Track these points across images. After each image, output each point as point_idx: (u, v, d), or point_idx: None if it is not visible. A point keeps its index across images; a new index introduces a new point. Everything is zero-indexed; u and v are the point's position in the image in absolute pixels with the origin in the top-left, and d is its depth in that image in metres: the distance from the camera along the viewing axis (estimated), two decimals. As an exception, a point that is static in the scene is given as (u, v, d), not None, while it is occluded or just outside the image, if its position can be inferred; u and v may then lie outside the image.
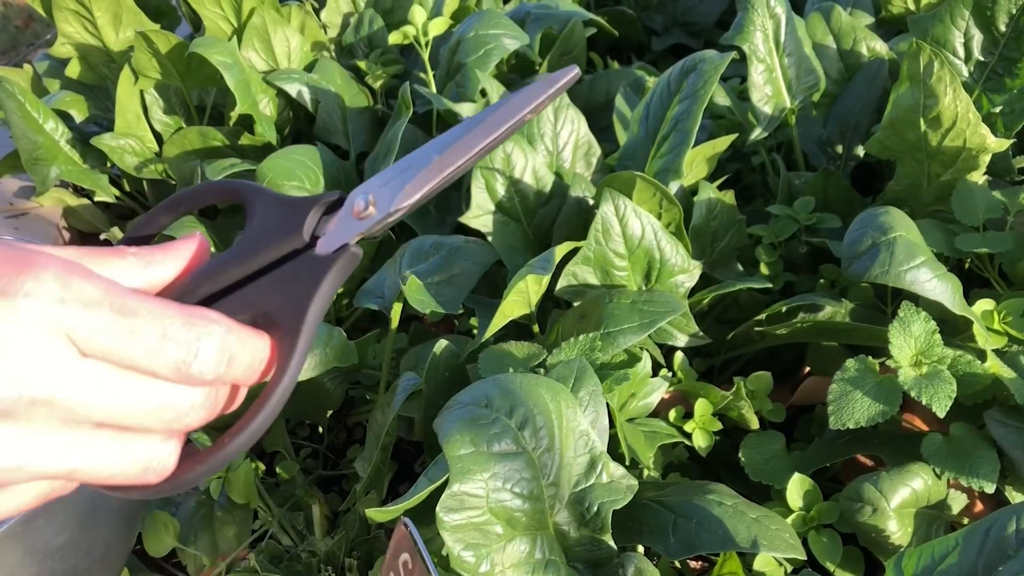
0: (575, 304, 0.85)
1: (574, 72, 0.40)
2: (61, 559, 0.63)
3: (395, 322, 0.91)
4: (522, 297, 0.84)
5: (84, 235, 1.58)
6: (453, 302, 0.89)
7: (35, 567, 0.61)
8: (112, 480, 0.36)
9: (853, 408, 0.73)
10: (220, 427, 0.94)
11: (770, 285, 0.93)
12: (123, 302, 0.35)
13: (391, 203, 0.41)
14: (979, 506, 0.77)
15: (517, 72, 1.45)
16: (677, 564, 0.82)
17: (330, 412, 1.04)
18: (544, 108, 0.42)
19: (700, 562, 0.84)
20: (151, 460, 0.37)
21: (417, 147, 0.42)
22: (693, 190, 0.98)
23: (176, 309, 0.36)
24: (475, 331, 1.02)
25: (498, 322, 0.84)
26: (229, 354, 0.37)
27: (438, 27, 1.27)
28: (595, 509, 0.65)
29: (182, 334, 0.36)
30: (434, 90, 1.26)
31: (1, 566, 0.58)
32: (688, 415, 0.85)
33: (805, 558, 0.68)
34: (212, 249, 1.25)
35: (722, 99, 1.23)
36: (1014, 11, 0.93)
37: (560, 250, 0.83)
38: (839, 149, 1.14)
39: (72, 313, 0.34)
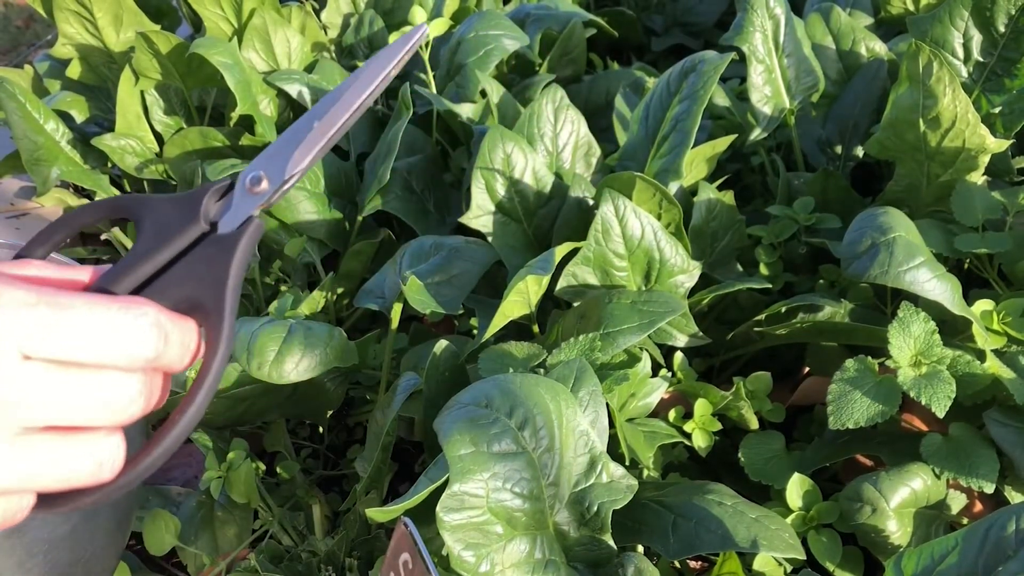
0: (575, 304, 0.86)
1: (423, 30, 0.45)
2: (65, 549, 0.63)
3: (395, 322, 0.92)
4: (522, 297, 0.85)
5: (85, 235, 1.58)
6: (453, 302, 0.89)
7: (40, 557, 0.61)
8: (69, 482, 0.37)
9: (852, 408, 0.73)
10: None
11: (770, 285, 0.94)
12: (56, 299, 0.36)
13: (283, 172, 0.43)
14: (978, 506, 0.77)
15: (517, 73, 1.45)
16: (677, 564, 0.82)
17: (330, 412, 1.05)
18: (401, 65, 0.45)
19: (700, 562, 0.84)
20: (102, 455, 0.38)
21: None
22: (693, 190, 0.98)
23: (108, 297, 0.38)
24: (475, 331, 1.02)
25: (498, 322, 0.84)
26: (165, 332, 0.38)
27: (438, 28, 1.28)
28: (595, 509, 0.65)
29: (119, 317, 0.37)
30: (434, 91, 1.26)
31: (8, 557, 0.58)
32: (688, 415, 0.85)
33: (805, 558, 0.68)
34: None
35: (722, 100, 1.23)
36: (1013, 12, 0.93)
37: (560, 251, 0.83)
38: (838, 149, 1.14)
39: (9, 317, 0.34)
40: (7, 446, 0.35)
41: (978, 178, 0.89)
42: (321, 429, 1.14)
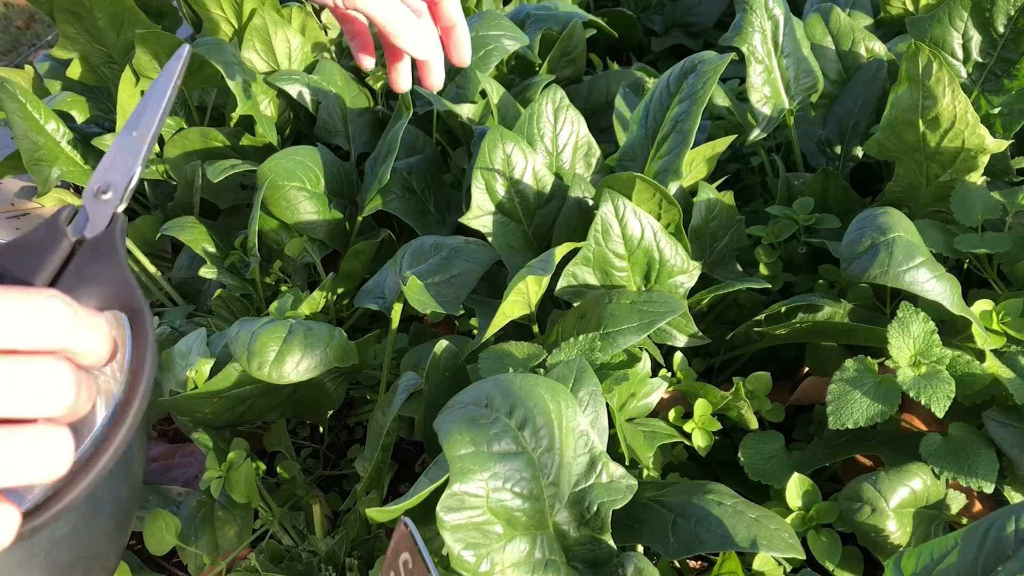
0: (575, 304, 0.86)
1: (186, 50, 0.54)
2: (65, 549, 0.63)
3: (395, 322, 0.92)
4: (522, 297, 0.85)
5: (85, 236, 1.58)
6: (453, 302, 0.89)
7: (40, 557, 0.61)
8: (18, 477, 0.37)
9: (852, 408, 0.73)
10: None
11: (769, 285, 0.94)
12: None
13: (125, 177, 0.50)
14: (978, 506, 0.77)
15: (517, 73, 1.45)
16: (676, 564, 0.82)
17: (330, 412, 1.05)
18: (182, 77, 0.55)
19: (699, 562, 0.84)
20: (47, 448, 0.38)
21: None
22: (692, 191, 0.98)
23: (13, 286, 0.39)
24: (475, 331, 1.02)
25: (498, 322, 0.84)
26: (75, 311, 0.39)
27: (438, 28, 1.27)
28: (595, 509, 0.65)
29: (29, 296, 0.38)
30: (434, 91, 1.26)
31: (8, 556, 0.58)
32: (687, 415, 0.85)
33: (804, 558, 0.68)
34: (212, 248, 1.23)
35: (721, 100, 1.23)
36: (1012, 12, 0.93)
37: (560, 251, 0.84)
38: (838, 150, 1.14)
39: None
40: None
41: (977, 178, 0.89)
42: (321, 429, 1.14)
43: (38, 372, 0.38)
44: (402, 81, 0.86)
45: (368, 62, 0.87)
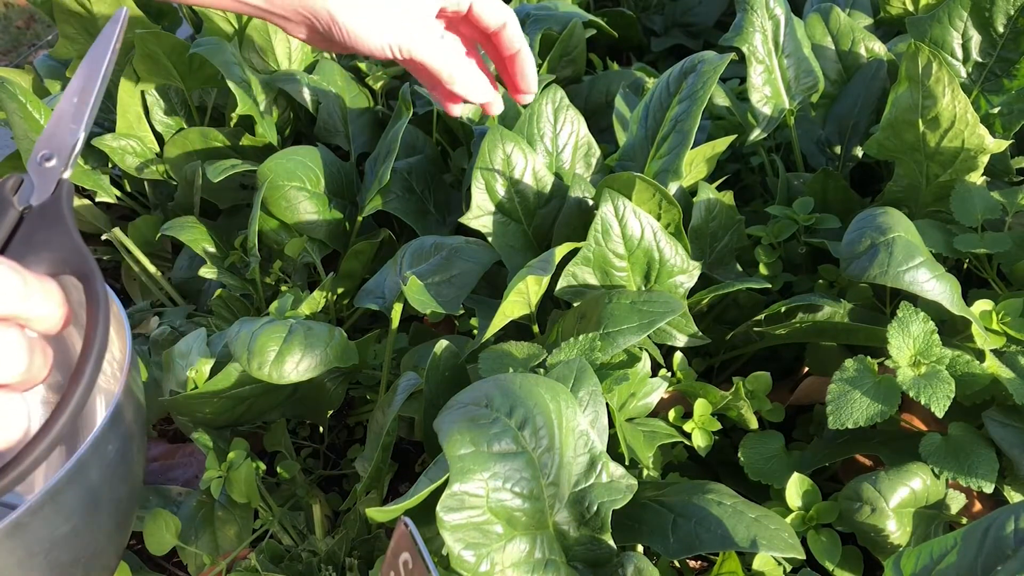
0: (575, 304, 0.86)
1: (124, 12, 0.54)
2: (65, 548, 0.64)
3: (395, 322, 0.92)
4: (522, 297, 0.85)
5: (85, 236, 1.58)
6: (453, 302, 0.89)
7: (40, 557, 0.61)
8: None
9: (852, 408, 0.73)
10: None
11: (769, 285, 0.94)
12: None
13: (69, 147, 0.49)
14: (978, 506, 0.77)
15: (517, 73, 1.45)
16: (676, 564, 0.82)
17: (330, 412, 1.05)
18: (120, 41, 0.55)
19: (699, 562, 0.84)
20: (3, 413, 0.38)
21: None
22: (692, 191, 0.98)
23: None
24: (475, 331, 1.02)
25: (498, 322, 0.84)
26: (23, 276, 0.39)
27: (438, 28, 1.27)
28: (595, 509, 0.65)
29: None
30: (434, 91, 1.26)
31: (9, 556, 0.58)
32: (687, 415, 0.85)
33: (804, 557, 0.68)
34: (212, 248, 1.23)
35: (721, 100, 1.23)
36: (1012, 12, 0.93)
37: (560, 251, 0.84)
38: (838, 150, 1.14)
39: None
40: None
41: (977, 178, 0.89)
42: (321, 429, 1.14)
43: None
44: (458, 109, 0.85)
45: (456, 110, 0.86)
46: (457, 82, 0.79)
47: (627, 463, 0.76)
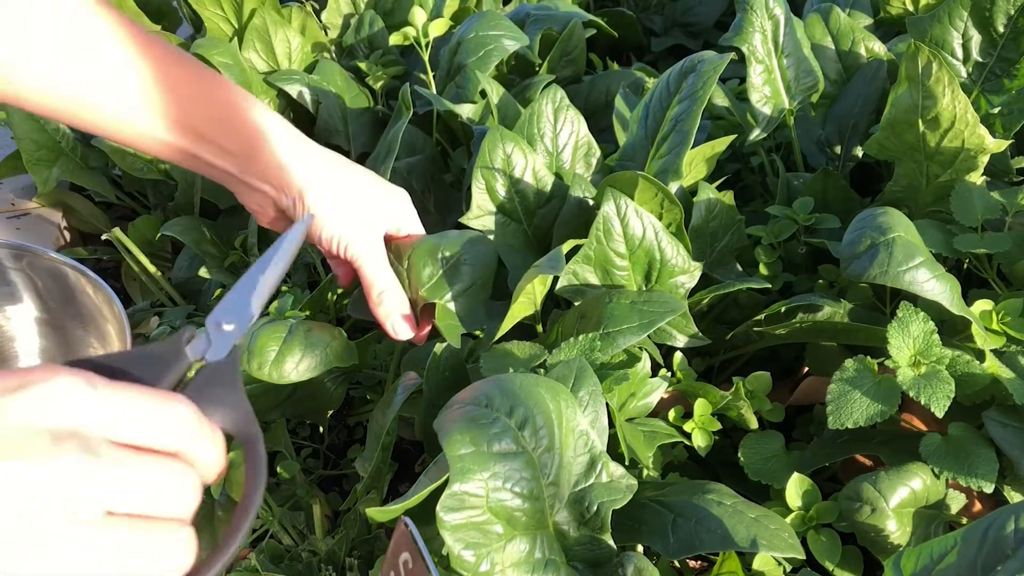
0: (575, 304, 0.86)
1: (309, 218, 0.69)
2: None
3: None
4: (529, 298, 0.85)
5: (85, 236, 1.58)
6: (474, 316, 0.89)
7: None
8: (149, 569, 0.39)
9: (852, 408, 0.73)
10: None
11: (769, 285, 0.94)
12: (109, 383, 0.40)
13: (246, 320, 0.53)
14: (978, 506, 0.77)
15: (517, 73, 1.45)
16: (676, 564, 0.82)
17: (330, 412, 1.05)
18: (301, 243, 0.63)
19: (699, 561, 0.84)
20: (178, 545, 0.40)
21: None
22: (692, 191, 0.98)
23: (146, 387, 0.42)
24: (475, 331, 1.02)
25: (507, 324, 0.84)
26: (200, 419, 0.43)
27: (438, 28, 1.28)
28: (595, 509, 0.65)
29: (164, 399, 0.42)
30: (434, 91, 1.27)
31: None
32: (687, 415, 0.85)
33: (804, 557, 0.68)
34: (212, 248, 1.23)
35: (721, 100, 1.23)
36: (1012, 12, 0.93)
37: (563, 248, 0.83)
38: (838, 150, 1.14)
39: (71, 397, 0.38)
40: (80, 530, 0.36)
41: (977, 178, 0.89)
42: (321, 429, 1.14)
43: (167, 470, 0.40)
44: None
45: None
46: (384, 303, 0.84)
47: (627, 463, 0.76)
